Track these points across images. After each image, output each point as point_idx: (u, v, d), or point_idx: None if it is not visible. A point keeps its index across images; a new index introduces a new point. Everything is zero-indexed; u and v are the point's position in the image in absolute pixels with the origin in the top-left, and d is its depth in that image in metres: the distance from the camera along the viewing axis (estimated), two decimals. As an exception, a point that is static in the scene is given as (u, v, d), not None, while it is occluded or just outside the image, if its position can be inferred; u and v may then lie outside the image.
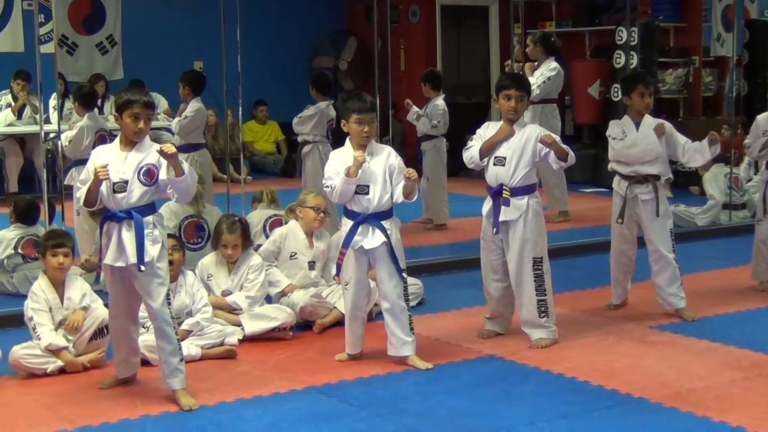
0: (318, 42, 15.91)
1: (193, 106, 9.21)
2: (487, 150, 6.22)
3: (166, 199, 6.12)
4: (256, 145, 15.05)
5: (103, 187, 5.24)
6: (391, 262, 5.91)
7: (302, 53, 15.68)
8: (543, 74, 10.40)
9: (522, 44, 10.74)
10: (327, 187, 5.89)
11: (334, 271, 6.33)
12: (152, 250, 5.27)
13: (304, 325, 6.78)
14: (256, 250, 7.07)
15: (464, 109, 13.08)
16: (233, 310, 6.61)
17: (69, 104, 11.52)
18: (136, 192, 5.26)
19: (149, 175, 5.28)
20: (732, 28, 12.54)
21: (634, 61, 10.82)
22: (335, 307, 6.78)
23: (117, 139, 5.41)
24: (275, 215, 8.05)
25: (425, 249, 9.01)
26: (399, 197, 5.87)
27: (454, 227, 10.08)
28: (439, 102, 10.18)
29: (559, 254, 8.69)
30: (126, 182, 5.24)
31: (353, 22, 16.28)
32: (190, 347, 6.02)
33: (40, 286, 5.99)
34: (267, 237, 7.88)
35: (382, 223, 5.87)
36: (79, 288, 6.05)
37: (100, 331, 5.96)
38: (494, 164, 6.23)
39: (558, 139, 6.24)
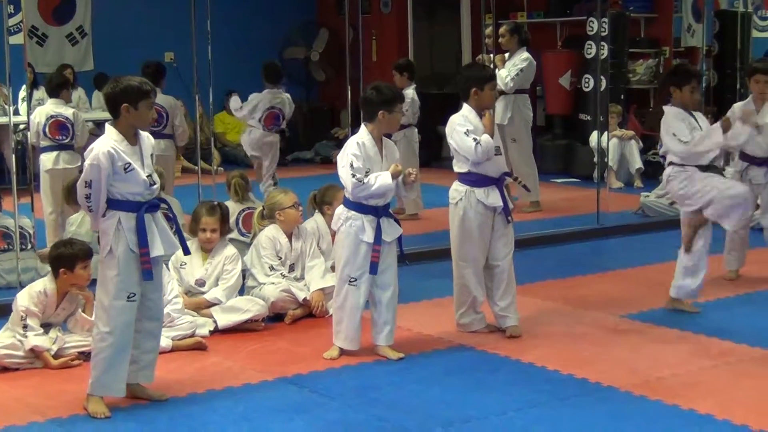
0: (289, 33, 15.89)
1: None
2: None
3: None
4: (227, 136, 15.02)
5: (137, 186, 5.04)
6: (396, 253, 5.99)
7: (273, 44, 15.63)
8: (516, 65, 10.42)
9: (494, 34, 10.75)
10: (359, 180, 5.77)
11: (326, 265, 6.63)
12: None
13: (275, 316, 6.78)
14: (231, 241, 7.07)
15: (436, 99, 13.06)
16: (212, 304, 6.60)
17: (38, 94, 11.46)
18: (158, 180, 5.22)
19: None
20: (702, 18, 12.60)
21: (605, 52, 10.86)
22: (306, 302, 6.78)
23: (115, 133, 5.05)
24: (248, 208, 8.02)
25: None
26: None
27: (426, 217, 10.09)
28: (409, 91, 10.18)
29: (531, 244, 8.73)
30: (151, 174, 5.11)
31: (324, 13, 16.27)
32: (161, 339, 6.00)
33: (45, 292, 5.89)
34: (240, 231, 7.87)
35: None
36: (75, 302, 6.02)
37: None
38: (496, 153, 6.28)
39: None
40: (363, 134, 5.90)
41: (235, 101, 10.31)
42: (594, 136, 11.24)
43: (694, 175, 6.68)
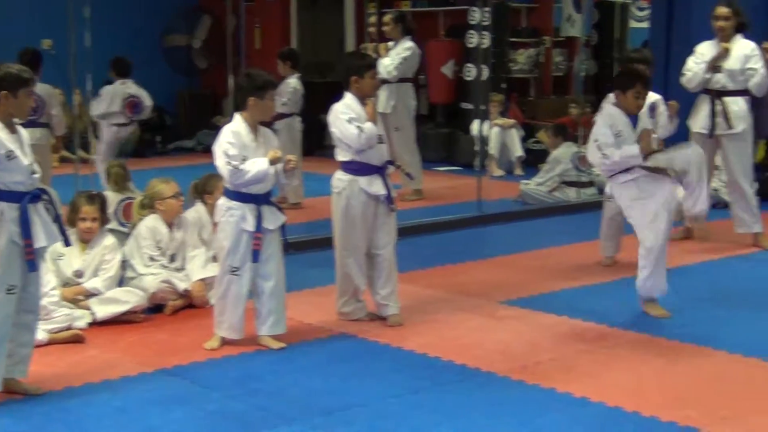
0: (171, 20, 15.67)
1: None
2: None
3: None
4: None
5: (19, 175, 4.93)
6: (280, 242, 5.96)
7: (154, 31, 15.41)
8: (399, 54, 10.48)
9: (377, 23, 10.79)
10: (235, 167, 5.71)
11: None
12: None
13: (155, 307, 6.70)
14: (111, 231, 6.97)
15: (319, 88, 13.04)
16: (92, 294, 6.50)
17: None
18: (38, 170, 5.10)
19: None
20: (582, 9, 12.82)
21: (487, 41, 10.94)
22: (186, 292, 6.72)
23: None
24: (128, 198, 7.90)
25: (279, 228, 8.97)
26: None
27: (309, 206, 10.08)
28: (291, 80, 10.17)
29: (413, 232, 8.78)
30: (31, 162, 4.99)
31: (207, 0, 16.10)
32: (37, 332, 5.88)
33: None
34: (119, 221, 7.75)
35: None
36: None
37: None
38: (379, 142, 6.28)
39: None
40: (237, 122, 5.87)
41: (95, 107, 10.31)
42: (476, 125, 11.34)
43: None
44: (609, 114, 6.53)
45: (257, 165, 5.73)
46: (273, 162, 5.77)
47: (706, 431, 4.62)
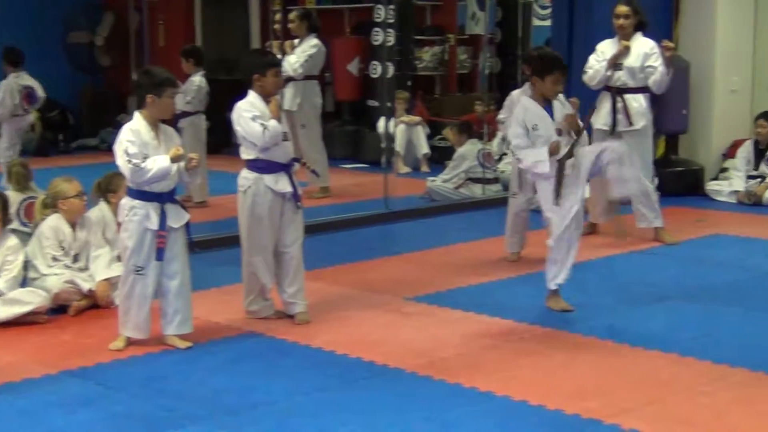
0: (73, 16, 15.42)
1: None
2: None
3: None
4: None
5: None
6: (185, 240, 5.93)
7: (57, 28, 15.16)
8: (305, 51, 10.47)
9: (282, 20, 10.76)
10: (135, 165, 5.64)
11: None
12: None
13: (58, 308, 6.60)
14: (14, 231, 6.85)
15: (225, 86, 12.94)
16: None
17: None
18: None
19: None
20: (486, 7, 12.93)
21: (392, 39, 10.99)
22: (91, 293, 6.64)
23: None
24: (30, 197, 7.77)
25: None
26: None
27: (216, 204, 10.02)
28: (196, 78, 10.10)
29: (320, 230, 8.79)
30: None
31: (110, -4, 15.91)
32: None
33: None
34: (21, 221, 7.62)
35: None
36: None
37: None
38: (284, 139, 6.28)
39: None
40: (137, 120, 5.81)
41: None
42: (382, 122, 11.38)
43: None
44: (524, 108, 6.51)
45: (158, 163, 5.68)
46: (174, 160, 5.72)
47: (608, 423, 4.70)
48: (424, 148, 12.80)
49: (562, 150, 6.33)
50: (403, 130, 12.50)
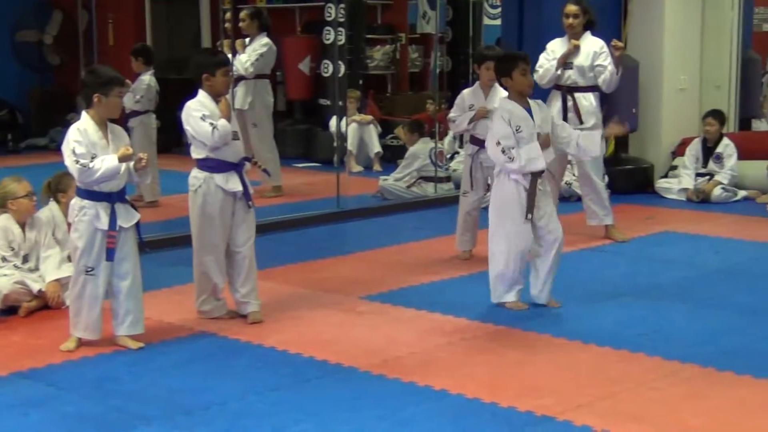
0: (21, 14, 15.26)
1: None
2: None
3: None
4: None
5: None
6: (135, 240, 5.90)
7: (5, 26, 15.00)
8: (256, 50, 10.45)
9: (233, 19, 10.72)
10: (83, 165, 5.60)
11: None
12: None
13: (8, 309, 6.53)
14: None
15: (175, 85, 12.88)
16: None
17: None
18: None
19: None
20: (436, 6, 12.97)
21: (343, 38, 10.99)
22: (41, 293, 6.57)
23: None
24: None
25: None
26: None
27: (167, 204, 9.97)
28: (145, 77, 10.04)
29: (272, 228, 8.78)
30: None
31: (58, -6, 15.76)
32: None
33: None
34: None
35: None
36: None
37: None
38: (234, 138, 6.26)
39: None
40: (84, 120, 5.77)
41: None
42: (333, 121, 11.38)
43: None
44: (506, 109, 6.49)
45: (106, 162, 5.64)
46: (123, 159, 5.67)
47: (562, 419, 4.74)
48: (376, 147, 12.81)
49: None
50: (355, 128, 12.50)
